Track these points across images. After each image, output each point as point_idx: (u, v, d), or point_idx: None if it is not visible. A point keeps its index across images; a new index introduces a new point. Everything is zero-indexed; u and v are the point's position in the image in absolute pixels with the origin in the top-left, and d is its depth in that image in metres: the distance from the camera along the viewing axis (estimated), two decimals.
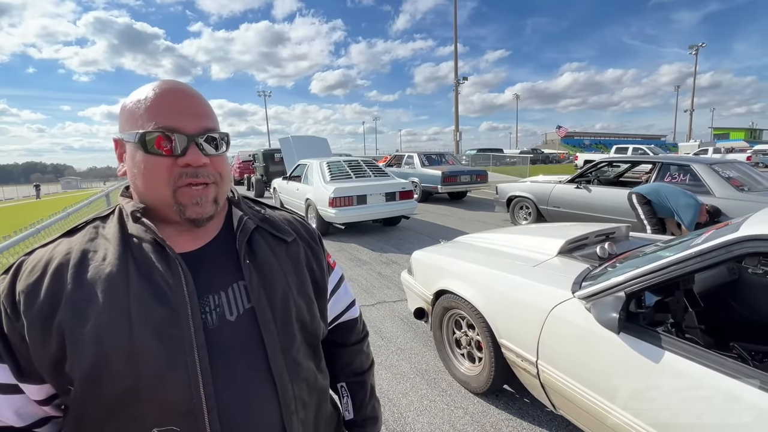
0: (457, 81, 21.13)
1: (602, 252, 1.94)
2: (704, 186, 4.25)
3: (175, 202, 0.57)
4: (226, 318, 0.57)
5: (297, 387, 0.60)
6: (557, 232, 2.49)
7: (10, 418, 0.55)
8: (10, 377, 0.53)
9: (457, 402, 2.13)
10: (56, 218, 2.98)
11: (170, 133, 0.55)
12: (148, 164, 0.56)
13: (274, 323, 0.59)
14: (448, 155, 10.87)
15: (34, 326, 0.51)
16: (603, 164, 6.03)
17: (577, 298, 1.54)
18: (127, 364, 0.50)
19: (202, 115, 0.58)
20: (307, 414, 0.62)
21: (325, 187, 5.81)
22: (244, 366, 0.56)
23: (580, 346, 1.48)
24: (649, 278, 1.31)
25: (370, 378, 0.85)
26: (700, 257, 1.21)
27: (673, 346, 1.22)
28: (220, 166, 0.60)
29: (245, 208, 0.68)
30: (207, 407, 0.52)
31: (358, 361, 0.84)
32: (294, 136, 10.13)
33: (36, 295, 0.52)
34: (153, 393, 0.51)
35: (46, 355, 0.51)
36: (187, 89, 0.59)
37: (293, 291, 0.64)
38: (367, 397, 0.83)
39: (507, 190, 6.71)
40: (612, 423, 1.34)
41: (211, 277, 0.59)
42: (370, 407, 0.83)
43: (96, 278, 0.53)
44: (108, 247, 0.57)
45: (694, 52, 38.77)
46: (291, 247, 0.68)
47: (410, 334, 2.92)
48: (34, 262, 0.55)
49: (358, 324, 0.87)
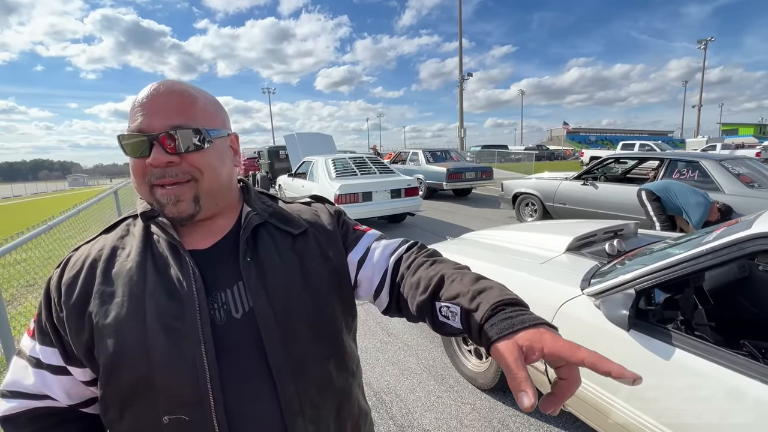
0: (462, 77, 21.00)
1: (611, 249, 1.93)
2: (713, 183, 4.20)
3: (155, 201, 0.58)
4: (232, 315, 0.58)
5: (302, 386, 0.59)
6: (565, 228, 2.48)
7: (60, 396, 0.60)
8: (60, 360, 0.59)
9: (465, 398, 2.14)
10: (66, 215, 3.02)
11: (136, 134, 0.55)
12: (131, 166, 0.58)
13: (274, 322, 0.58)
14: (452, 152, 10.83)
15: (71, 316, 0.56)
16: (610, 161, 5.98)
17: (586, 295, 1.54)
18: (140, 355, 0.53)
19: (171, 112, 0.56)
20: (320, 413, 0.60)
21: (331, 184, 5.82)
22: (247, 363, 0.57)
23: (589, 343, 1.46)
24: (660, 275, 1.30)
25: (464, 273, 0.59)
26: (712, 254, 1.20)
27: (684, 344, 1.22)
28: (198, 162, 0.57)
29: (255, 204, 0.68)
30: (213, 399, 0.53)
31: (435, 272, 0.60)
32: (299, 132, 10.16)
33: (73, 288, 0.57)
34: (163, 383, 0.53)
35: (80, 342, 0.56)
36: (165, 88, 0.57)
37: (298, 287, 0.62)
38: (473, 287, 0.55)
39: (512, 186, 6.68)
40: (620, 419, 1.34)
41: (219, 275, 0.59)
42: (487, 289, 0.54)
43: (119, 273, 0.58)
44: (133, 244, 0.60)
45: (702, 47, 38.23)
46: (298, 240, 0.66)
47: (417, 331, 2.93)
48: (77, 257, 0.61)
49: (412, 254, 0.68)
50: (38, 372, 0.59)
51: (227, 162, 0.63)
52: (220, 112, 0.63)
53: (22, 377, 0.60)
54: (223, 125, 0.63)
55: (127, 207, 5.20)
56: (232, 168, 0.64)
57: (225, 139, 0.63)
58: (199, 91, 0.61)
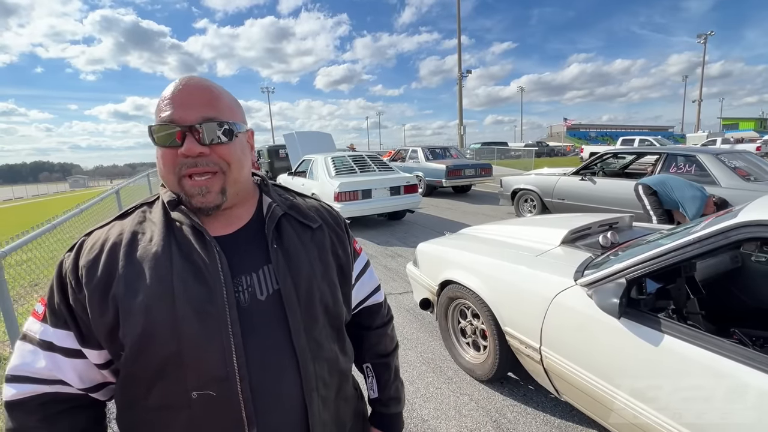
0: (461, 74, 20.98)
1: (605, 241, 1.97)
2: (710, 176, 4.23)
3: (182, 191, 0.61)
4: (257, 297, 0.62)
5: (318, 366, 0.64)
6: (560, 222, 2.51)
7: (72, 380, 0.61)
8: (75, 343, 0.61)
9: (463, 389, 2.18)
10: (70, 214, 3.06)
11: (168, 125, 0.58)
12: (159, 155, 0.61)
13: (298, 304, 0.63)
14: (452, 149, 10.85)
15: (94, 297, 0.58)
16: (608, 156, 6.01)
17: (579, 286, 1.58)
18: (170, 334, 0.56)
19: (203, 105, 0.59)
20: (328, 392, 0.67)
21: (330, 182, 5.86)
22: (271, 342, 0.61)
23: (582, 332, 1.52)
24: (650, 264, 1.34)
25: (394, 360, 0.89)
26: (699, 243, 1.24)
27: (673, 330, 1.25)
28: (227, 155, 0.61)
29: (275, 196, 0.72)
30: (239, 376, 0.57)
31: (383, 343, 0.87)
32: (298, 131, 10.18)
33: (95, 270, 0.59)
34: (192, 360, 0.57)
35: (103, 323, 0.58)
36: (195, 82, 0.61)
37: (317, 276, 0.67)
38: (391, 378, 0.87)
39: (512, 183, 6.71)
40: (613, 405, 1.38)
41: (243, 260, 0.63)
42: (394, 388, 0.87)
43: (144, 257, 0.60)
44: (154, 230, 0.63)
45: (702, 41, 38.08)
46: (316, 233, 0.71)
47: (416, 325, 2.98)
48: (93, 241, 0.62)
49: (383, 308, 0.90)
50: (50, 355, 0.60)
51: (248, 155, 0.67)
52: (239, 109, 0.67)
53: (31, 361, 0.60)
54: (243, 121, 0.67)
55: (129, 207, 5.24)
56: (250, 161, 0.68)
57: (245, 134, 0.67)
58: (222, 87, 0.65)
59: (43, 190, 36.45)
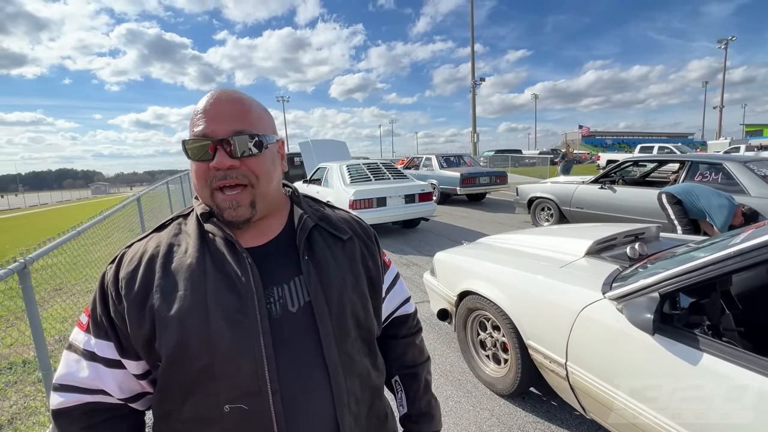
0: (474, 82, 20.97)
1: (632, 252, 1.90)
2: (738, 185, 4.08)
3: (215, 204, 0.61)
4: (288, 309, 0.61)
5: (350, 381, 0.63)
6: (583, 232, 2.45)
7: (113, 390, 0.62)
8: (115, 353, 0.61)
9: (483, 404, 2.12)
10: (94, 221, 3.14)
11: (201, 139, 0.59)
12: (193, 169, 0.62)
13: (329, 317, 0.62)
14: (466, 156, 10.81)
15: (132, 309, 0.59)
16: (628, 164, 5.87)
17: (608, 299, 1.52)
18: (204, 345, 0.56)
19: (233, 118, 0.60)
20: (360, 409, 0.65)
21: (345, 190, 5.87)
22: (302, 355, 0.60)
23: (613, 348, 1.46)
24: (685, 278, 1.28)
25: (424, 372, 0.84)
26: (740, 257, 1.17)
27: (712, 348, 1.19)
28: (255, 167, 0.61)
29: (306, 207, 0.72)
30: (271, 389, 0.56)
31: (411, 353, 0.84)
32: (314, 139, 10.29)
33: (134, 282, 0.60)
34: (225, 372, 0.56)
35: (141, 334, 0.58)
36: (226, 95, 0.61)
37: (348, 288, 0.66)
38: (420, 391, 0.82)
39: (528, 191, 6.62)
40: (645, 425, 1.31)
41: (274, 271, 0.63)
42: (425, 402, 0.82)
43: (179, 268, 0.60)
44: (189, 242, 0.63)
45: (723, 47, 37.25)
46: (347, 245, 0.71)
47: (433, 335, 2.92)
48: (133, 254, 0.64)
49: (411, 319, 0.88)
50: (93, 365, 0.61)
51: (278, 166, 0.67)
52: (270, 119, 0.67)
53: (75, 370, 0.61)
54: (273, 131, 0.67)
55: (148, 214, 5.35)
56: (280, 172, 0.68)
57: (275, 145, 0.66)
58: (252, 99, 0.65)
59: (66, 196, 37.74)
